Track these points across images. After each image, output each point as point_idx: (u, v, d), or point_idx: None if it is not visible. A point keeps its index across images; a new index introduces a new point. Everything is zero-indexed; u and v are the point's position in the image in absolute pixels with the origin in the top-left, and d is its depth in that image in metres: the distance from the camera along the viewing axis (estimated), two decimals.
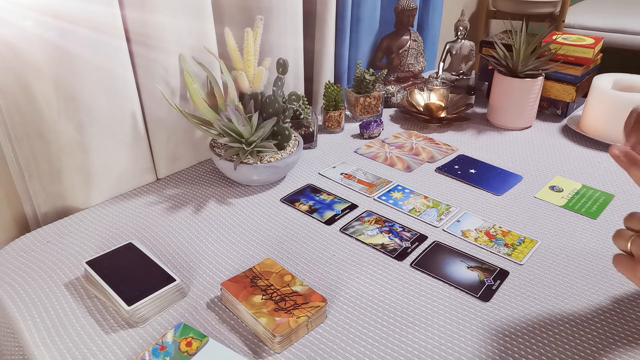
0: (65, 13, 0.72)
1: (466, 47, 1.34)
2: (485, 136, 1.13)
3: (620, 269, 0.42)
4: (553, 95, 1.20)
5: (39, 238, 0.78)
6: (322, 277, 0.71)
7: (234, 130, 0.84)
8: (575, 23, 2.21)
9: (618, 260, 0.42)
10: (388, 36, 1.30)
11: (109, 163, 0.86)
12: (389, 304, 0.66)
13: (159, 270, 0.67)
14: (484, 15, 2.24)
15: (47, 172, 0.80)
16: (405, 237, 0.79)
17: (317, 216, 0.84)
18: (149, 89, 0.87)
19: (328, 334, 0.61)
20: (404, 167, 1.00)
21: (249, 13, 0.98)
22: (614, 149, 0.41)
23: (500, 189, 0.92)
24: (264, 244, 0.77)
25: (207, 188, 0.92)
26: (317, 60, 1.19)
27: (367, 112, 1.18)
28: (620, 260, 0.42)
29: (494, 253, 0.75)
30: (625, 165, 0.40)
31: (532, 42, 1.08)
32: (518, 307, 0.66)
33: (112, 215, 0.84)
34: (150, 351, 0.57)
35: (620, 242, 0.42)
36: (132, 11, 0.80)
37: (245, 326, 0.62)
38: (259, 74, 0.88)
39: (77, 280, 0.69)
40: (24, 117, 0.74)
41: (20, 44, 0.70)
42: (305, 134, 1.04)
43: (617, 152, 0.41)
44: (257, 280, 0.65)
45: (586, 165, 1.01)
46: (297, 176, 0.96)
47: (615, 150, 0.41)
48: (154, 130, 0.91)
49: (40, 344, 0.60)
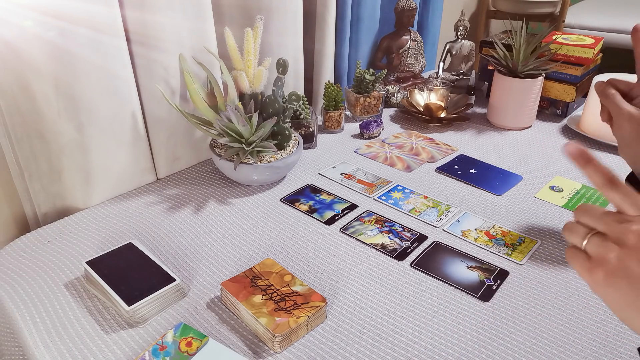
0: (65, 13, 0.72)
1: (466, 47, 1.34)
2: (485, 136, 1.13)
3: (575, 266, 0.39)
4: (553, 95, 1.20)
5: (39, 238, 0.78)
6: (322, 277, 0.71)
7: (234, 130, 0.84)
8: (575, 23, 2.21)
9: (573, 256, 0.39)
10: (388, 36, 1.30)
11: (109, 163, 0.86)
12: (389, 304, 0.66)
13: (159, 270, 0.67)
14: (484, 15, 2.24)
15: (47, 172, 0.80)
16: (405, 237, 0.79)
17: (317, 216, 0.84)
18: (149, 89, 0.87)
19: (328, 334, 0.61)
20: (404, 167, 1.00)
21: (249, 13, 0.98)
22: (569, 147, 0.40)
23: (500, 189, 0.92)
24: (264, 244, 0.77)
25: (207, 188, 0.92)
26: (317, 60, 1.19)
27: (367, 112, 1.18)
28: (575, 257, 0.39)
29: (494, 253, 0.75)
30: (580, 164, 0.40)
31: (532, 42, 1.08)
32: (518, 307, 0.66)
33: (112, 215, 0.84)
34: (150, 351, 0.57)
35: (573, 238, 0.40)
36: (132, 11, 0.80)
37: (245, 326, 0.62)
38: (259, 74, 0.88)
39: (77, 280, 0.69)
40: (24, 117, 0.74)
41: (20, 44, 0.70)
42: (305, 134, 1.04)
43: (572, 149, 0.40)
44: (257, 280, 0.65)
45: None
46: (297, 176, 0.96)
47: (570, 148, 0.40)
48: (154, 130, 0.91)
49: (40, 344, 0.60)
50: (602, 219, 0.38)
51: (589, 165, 0.39)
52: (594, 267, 0.38)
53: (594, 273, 0.37)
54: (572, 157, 0.40)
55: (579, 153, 0.39)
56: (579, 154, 0.39)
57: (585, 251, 0.39)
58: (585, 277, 0.38)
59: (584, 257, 0.39)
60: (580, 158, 0.39)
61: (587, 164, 0.39)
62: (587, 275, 0.38)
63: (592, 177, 0.39)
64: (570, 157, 0.40)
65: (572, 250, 0.40)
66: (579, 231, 0.39)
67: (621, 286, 0.36)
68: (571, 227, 0.40)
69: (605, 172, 0.39)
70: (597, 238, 0.38)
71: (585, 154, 0.39)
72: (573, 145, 0.40)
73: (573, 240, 0.40)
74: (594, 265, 0.38)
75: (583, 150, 0.39)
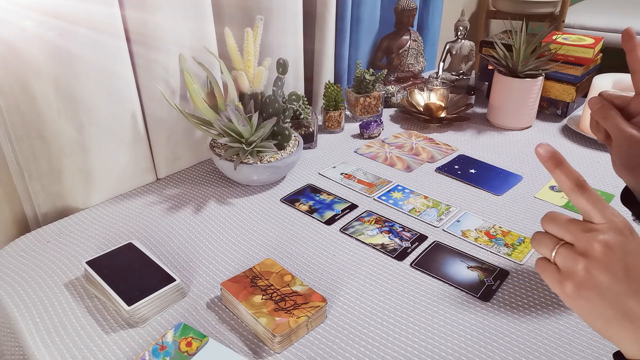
0: (65, 13, 0.72)
1: (466, 47, 1.34)
2: (485, 136, 1.13)
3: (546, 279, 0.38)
4: (553, 95, 1.20)
5: (39, 238, 0.78)
6: (322, 277, 0.71)
7: (234, 130, 0.84)
8: (575, 23, 2.21)
9: (543, 269, 0.38)
10: (388, 36, 1.30)
11: (109, 163, 0.86)
12: (389, 304, 0.66)
13: (159, 270, 0.67)
14: (484, 15, 2.24)
15: (47, 172, 0.80)
16: (405, 237, 0.79)
17: (317, 216, 0.84)
18: (149, 89, 0.87)
19: (328, 334, 0.61)
20: (404, 167, 1.00)
21: (249, 13, 0.98)
22: (540, 148, 0.38)
23: (500, 189, 0.92)
24: (264, 244, 0.77)
25: (207, 188, 0.92)
26: (317, 60, 1.19)
27: (367, 112, 1.18)
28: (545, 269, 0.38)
29: (494, 253, 0.75)
30: (550, 167, 0.38)
31: (532, 42, 1.08)
32: (518, 307, 0.66)
33: (112, 215, 0.84)
34: (150, 351, 0.57)
35: (541, 249, 0.39)
36: (132, 11, 0.80)
37: (245, 326, 0.62)
38: (259, 74, 0.88)
39: (77, 280, 0.69)
40: (24, 117, 0.74)
41: (20, 44, 0.70)
42: (305, 134, 1.04)
43: (542, 152, 0.38)
44: (257, 280, 0.65)
45: (586, 165, 1.01)
46: (297, 176, 0.96)
47: (540, 149, 0.38)
48: (154, 130, 0.91)
49: (40, 344, 0.60)
50: (568, 229, 0.38)
51: (559, 168, 0.38)
52: (563, 280, 0.37)
53: (563, 286, 0.37)
54: (543, 159, 0.38)
55: (550, 155, 0.38)
56: (550, 155, 0.38)
57: (555, 263, 0.38)
58: (556, 289, 0.38)
59: (554, 269, 0.38)
60: (550, 160, 0.38)
61: (557, 167, 0.38)
62: (557, 288, 0.38)
63: (561, 181, 0.38)
64: (541, 159, 0.38)
65: (542, 262, 0.39)
66: (547, 243, 0.39)
67: (590, 297, 0.36)
68: (539, 238, 0.39)
69: (575, 176, 0.38)
70: (564, 250, 0.37)
71: (556, 155, 0.38)
72: (544, 147, 0.38)
73: (542, 252, 0.39)
74: (563, 277, 0.37)
75: (554, 152, 0.38)
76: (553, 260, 0.38)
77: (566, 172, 0.38)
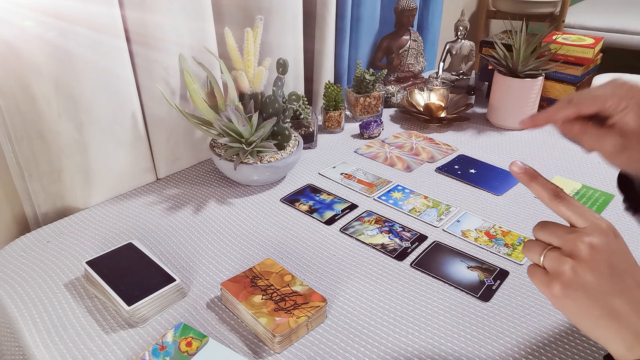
0: (65, 13, 0.72)
1: (466, 47, 1.34)
2: (485, 136, 1.13)
3: (535, 282, 0.40)
4: (553, 95, 1.20)
5: (39, 238, 0.78)
6: (322, 277, 0.71)
7: (234, 130, 0.84)
8: (575, 23, 2.21)
9: (533, 273, 0.41)
10: (388, 36, 1.30)
11: (109, 163, 0.86)
12: (389, 304, 0.66)
13: (159, 270, 0.67)
14: (484, 15, 2.24)
15: (47, 172, 0.80)
16: (405, 237, 0.79)
17: (317, 216, 0.84)
18: (149, 89, 0.87)
19: (328, 334, 0.61)
20: (404, 167, 1.00)
21: (249, 13, 0.98)
22: (513, 166, 0.41)
23: (500, 189, 0.92)
24: (264, 244, 0.77)
25: (207, 188, 0.92)
26: (317, 60, 1.19)
27: (367, 112, 1.18)
28: (534, 273, 0.40)
29: (494, 253, 0.75)
30: (525, 181, 0.41)
31: (532, 42, 1.08)
32: (518, 307, 0.66)
33: (112, 215, 0.84)
34: (150, 351, 0.57)
35: (531, 255, 0.41)
36: (132, 11, 0.80)
37: (245, 326, 0.62)
38: (259, 74, 0.88)
39: (77, 280, 0.69)
40: (24, 117, 0.74)
41: (20, 44, 0.70)
42: (305, 134, 1.04)
43: (516, 169, 0.41)
44: (257, 280, 0.65)
45: (586, 165, 1.01)
46: (297, 176, 0.96)
47: (514, 167, 0.41)
48: (154, 130, 0.91)
49: (40, 344, 0.60)
50: (554, 233, 0.39)
51: (534, 181, 0.41)
52: (550, 281, 0.39)
53: (551, 286, 0.39)
54: (518, 175, 0.41)
55: (524, 170, 0.41)
56: (523, 171, 0.41)
57: (544, 267, 0.40)
58: (544, 291, 0.39)
59: (542, 272, 0.40)
60: (525, 175, 0.41)
61: (532, 180, 0.41)
62: (545, 289, 0.39)
63: (538, 193, 0.41)
64: (516, 175, 0.41)
65: (532, 267, 0.41)
66: (536, 248, 0.40)
67: (577, 297, 0.37)
68: (529, 245, 0.41)
69: (551, 187, 0.40)
70: (552, 253, 0.39)
71: (529, 171, 0.41)
72: (516, 164, 0.41)
73: (531, 258, 0.41)
74: (551, 278, 0.39)
75: (527, 168, 0.41)
76: (542, 264, 0.40)
77: (542, 185, 0.41)
